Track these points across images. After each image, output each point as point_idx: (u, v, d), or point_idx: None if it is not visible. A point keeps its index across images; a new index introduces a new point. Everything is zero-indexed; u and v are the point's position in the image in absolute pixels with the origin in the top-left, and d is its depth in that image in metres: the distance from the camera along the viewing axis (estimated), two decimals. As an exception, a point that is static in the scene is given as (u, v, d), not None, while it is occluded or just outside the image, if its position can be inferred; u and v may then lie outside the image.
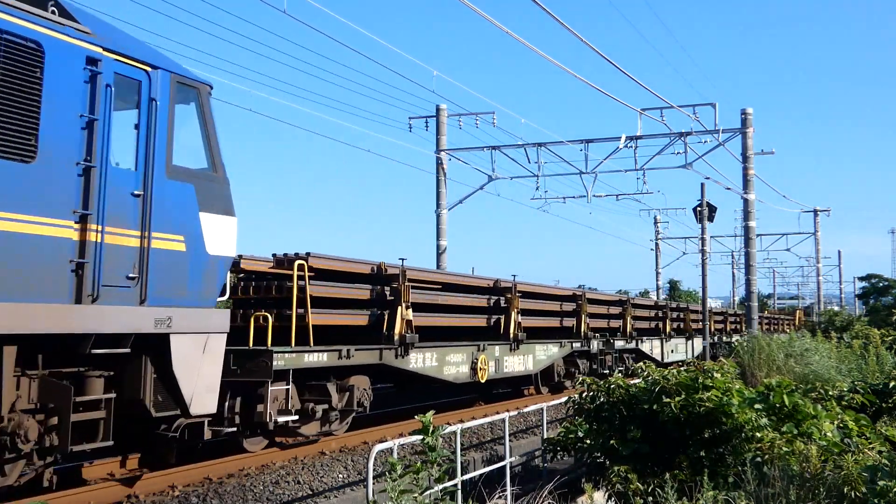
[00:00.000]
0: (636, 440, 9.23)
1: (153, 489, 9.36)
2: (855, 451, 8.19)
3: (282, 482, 10.00)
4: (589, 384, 10.41)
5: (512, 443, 11.76)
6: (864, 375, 19.54)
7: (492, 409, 16.86)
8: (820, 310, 62.21)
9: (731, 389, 9.23)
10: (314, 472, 10.65)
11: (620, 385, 9.99)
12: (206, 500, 9.10)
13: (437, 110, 30.43)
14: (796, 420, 9.23)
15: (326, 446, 12.32)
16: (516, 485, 10.38)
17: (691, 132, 28.40)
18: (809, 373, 19.38)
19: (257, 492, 9.58)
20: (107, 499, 8.89)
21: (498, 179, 31.53)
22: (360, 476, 10.57)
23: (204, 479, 9.98)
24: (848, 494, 6.95)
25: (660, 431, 9.22)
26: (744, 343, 24.19)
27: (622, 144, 29.11)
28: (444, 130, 30.46)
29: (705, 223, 26.97)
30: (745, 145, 28.61)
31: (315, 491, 9.93)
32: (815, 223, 58.94)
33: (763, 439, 8.58)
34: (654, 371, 9.90)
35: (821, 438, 8.70)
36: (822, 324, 44.16)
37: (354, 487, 10.14)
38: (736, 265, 57.79)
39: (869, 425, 10.00)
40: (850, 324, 39.43)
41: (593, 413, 10.15)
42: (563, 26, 15.82)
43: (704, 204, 26.64)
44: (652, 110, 28.32)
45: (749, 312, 29.72)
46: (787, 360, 21.12)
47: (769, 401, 9.51)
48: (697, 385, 9.18)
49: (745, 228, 29.55)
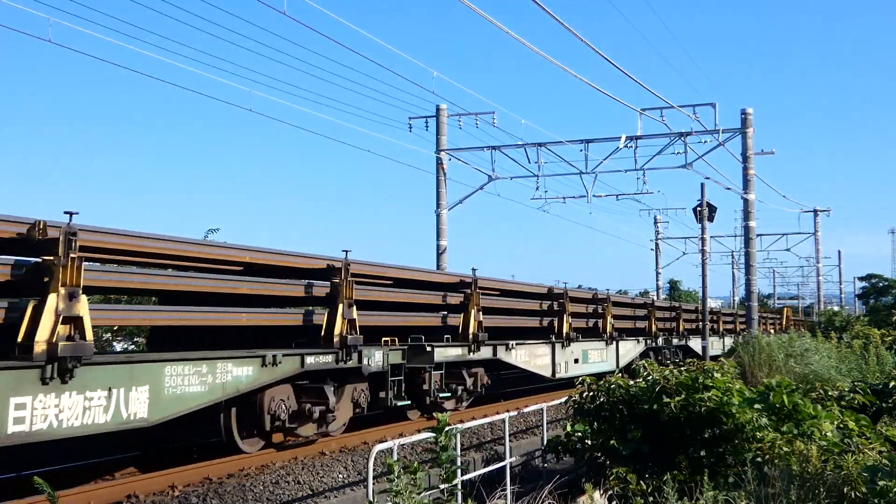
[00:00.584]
0: (636, 440, 9.23)
1: (153, 489, 9.36)
2: (855, 451, 8.18)
3: (281, 482, 10.00)
4: (589, 384, 10.40)
5: (512, 443, 11.76)
6: (864, 375, 19.52)
7: (492, 410, 16.85)
8: (820, 310, 62.23)
9: (732, 389, 9.22)
10: (314, 472, 10.65)
11: (620, 385, 9.99)
12: (206, 500, 9.10)
13: (437, 110, 30.43)
14: (796, 420, 9.22)
15: (326, 446, 12.32)
16: (516, 485, 10.37)
17: (691, 132, 28.39)
18: (809, 373, 19.36)
19: (257, 492, 9.57)
20: (107, 499, 8.89)
21: (498, 179, 31.54)
22: (360, 476, 10.57)
23: (204, 479, 9.98)
24: (848, 494, 6.94)
25: (660, 431, 9.21)
26: (743, 344, 24.15)
27: (622, 144, 29.11)
28: (444, 130, 30.47)
29: (705, 223, 26.97)
30: (745, 145, 28.60)
31: (315, 491, 9.93)
32: (815, 223, 58.95)
33: (763, 439, 8.57)
34: (655, 371, 9.90)
35: (821, 438, 8.69)
36: (821, 324, 44.15)
37: (354, 487, 10.14)
38: (736, 265, 57.81)
39: (869, 425, 9.99)
40: (850, 324, 39.43)
41: (593, 413, 10.15)
42: (563, 26, 15.82)
43: (704, 204, 26.64)
44: (652, 110, 28.33)
45: (749, 312, 29.69)
46: (788, 360, 21.11)
47: (769, 401, 9.51)
48: (698, 385, 9.18)
49: (745, 228, 29.54)
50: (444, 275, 16.39)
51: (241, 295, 11.06)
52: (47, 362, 7.65)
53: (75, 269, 7.96)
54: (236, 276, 11.32)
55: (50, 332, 7.73)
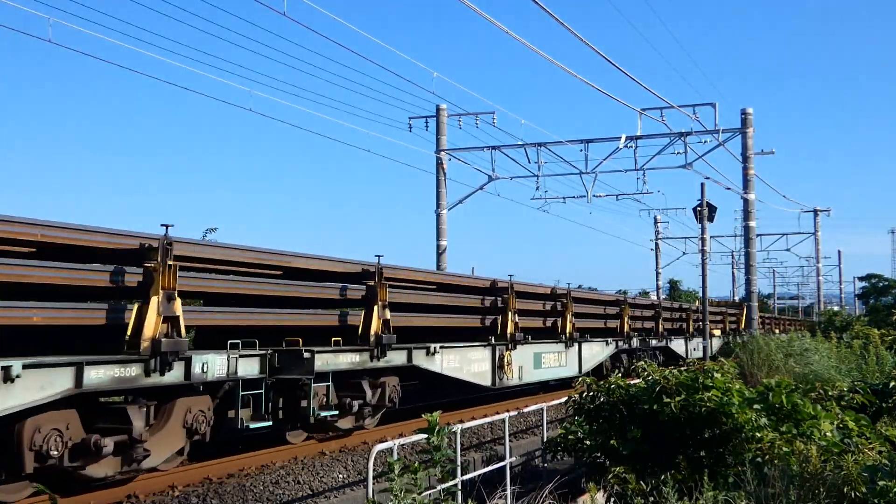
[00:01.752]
0: (636, 440, 9.23)
1: (153, 489, 9.37)
2: (855, 451, 8.19)
3: (282, 482, 10.01)
4: (589, 384, 10.41)
5: (512, 443, 11.76)
6: (864, 375, 19.51)
7: (492, 410, 16.85)
8: (820, 310, 62.25)
9: (732, 389, 9.22)
10: (314, 472, 10.66)
11: (620, 385, 9.99)
12: (206, 500, 9.11)
13: (437, 110, 30.47)
14: (796, 420, 9.22)
15: (326, 446, 12.32)
16: (516, 485, 10.38)
17: (691, 132, 28.45)
18: (809, 373, 19.37)
19: (257, 492, 9.58)
20: (107, 499, 8.89)
21: (498, 179, 31.57)
22: (360, 476, 10.57)
23: (204, 479, 9.98)
24: (848, 494, 6.94)
25: (660, 431, 9.21)
26: (740, 344, 24.14)
27: (622, 144, 29.16)
28: (444, 130, 30.51)
29: (705, 223, 27.01)
30: (745, 145, 28.64)
31: (315, 491, 9.93)
32: (815, 223, 59.04)
33: (763, 439, 8.57)
34: (655, 371, 9.90)
35: (821, 438, 8.69)
36: (822, 324, 44.15)
37: (354, 487, 10.14)
38: (736, 265, 58.00)
39: (869, 425, 9.99)
40: (850, 324, 39.42)
41: (593, 413, 10.15)
42: (563, 26, 15.84)
43: (704, 204, 26.68)
44: (652, 110, 28.39)
45: (749, 312, 29.76)
46: (787, 360, 21.13)
47: (769, 401, 9.51)
48: (697, 385, 9.18)
49: (745, 228, 29.59)
50: (340, 262, 12.98)
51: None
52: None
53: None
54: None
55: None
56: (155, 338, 8.89)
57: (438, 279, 16.35)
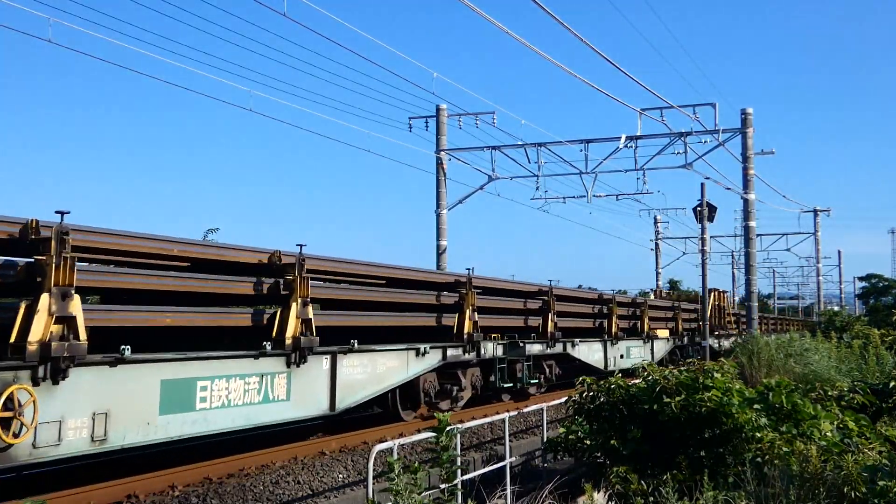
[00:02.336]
0: (636, 440, 9.23)
1: (153, 489, 9.36)
2: (855, 451, 8.19)
3: (282, 482, 10.00)
4: (589, 384, 10.41)
5: (512, 443, 11.76)
6: (864, 375, 19.50)
7: (492, 410, 16.86)
8: (820, 310, 62.23)
9: (732, 389, 9.22)
10: (314, 472, 10.66)
11: (620, 385, 9.99)
12: (206, 500, 9.10)
13: (437, 110, 30.46)
14: (796, 420, 9.23)
15: (326, 446, 12.32)
16: (516, 485, 10.38)
17: (691, 132, 28.43)
18: (809, 373, 19.37)
19: (257, 492, 9.58)
20: (107, 499, 8.89)
21: (498, 179, 31.56)
22: (360, 476, 10.57)
23: (204, 479, 9.98)
24: (848, 494, 6.94)
25: (660, 431, 9.21)
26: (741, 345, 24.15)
27: (622, 144, 29.14)
28: (444, 130, 30.50)
29: (705, 223, 27.00)
30: (745, 145, 28.63)
31: (315, 491, 9.93)
32: (815, 223, 59.02)
33: (763, 439, 8.57)
34: (655, 371, 9.90)
35: (820, 438, 8.70)
36: (822, 324, 44.16)
37: (354, 487, 10.14)
38: (736, 265, 57.81)
39: (869, 425, 9.99)
40: (850, 324, 39.42)
41: (593, 413, 10.15)
42: (563, 26, 15.83)
43: (704, 204, 26.68)
44: (652, 110, 28.37)
45: (749, 312, 29.72)
46: (787, 360, 21.12)
47: (769, 401, 9.51)
48: (698, 385, 9.18)
49: (745, 228, 29.56)
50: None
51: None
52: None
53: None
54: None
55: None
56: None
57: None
